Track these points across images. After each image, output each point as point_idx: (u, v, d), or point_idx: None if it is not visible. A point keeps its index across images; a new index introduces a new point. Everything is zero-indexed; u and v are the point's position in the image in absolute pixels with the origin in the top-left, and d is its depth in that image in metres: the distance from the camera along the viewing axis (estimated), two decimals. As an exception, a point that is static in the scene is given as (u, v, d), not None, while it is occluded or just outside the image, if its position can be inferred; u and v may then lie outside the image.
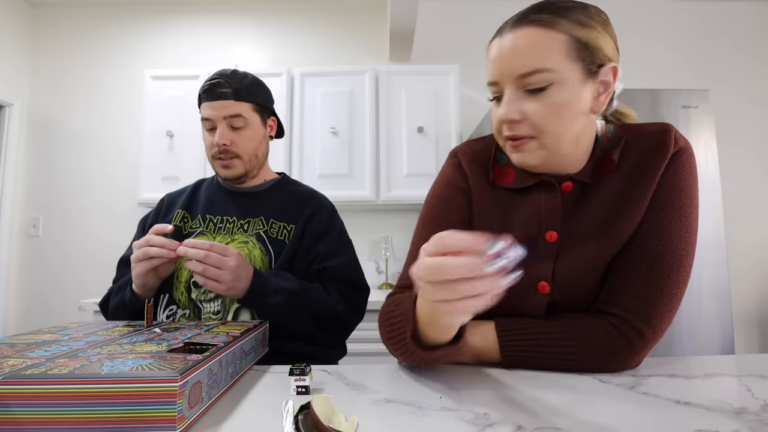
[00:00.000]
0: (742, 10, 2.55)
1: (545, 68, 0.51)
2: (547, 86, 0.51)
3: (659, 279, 0.53)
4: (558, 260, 0.57)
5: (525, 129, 0.54)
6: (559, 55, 0.51)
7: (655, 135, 0.57)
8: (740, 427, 0.37)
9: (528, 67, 0.51)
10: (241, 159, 0.89)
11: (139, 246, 0.74)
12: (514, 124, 0.54)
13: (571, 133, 0.54)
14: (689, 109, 1.86)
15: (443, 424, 0.39)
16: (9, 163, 2.40)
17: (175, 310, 0.84)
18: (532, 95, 0.52)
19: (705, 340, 1.76)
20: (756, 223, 2.41)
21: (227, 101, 0.86)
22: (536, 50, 0.51)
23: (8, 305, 2.40)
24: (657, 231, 0.54)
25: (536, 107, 0.52)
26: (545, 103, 0.52)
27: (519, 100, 0.53)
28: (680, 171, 0.55)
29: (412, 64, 2.36)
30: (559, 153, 0.55)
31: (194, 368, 0.40)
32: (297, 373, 0.47)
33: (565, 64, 0.51)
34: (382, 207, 2.23)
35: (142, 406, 0.36)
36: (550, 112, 0.52)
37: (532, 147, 0.55)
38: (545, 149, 0.54)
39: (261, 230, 0.89)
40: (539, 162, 0.56)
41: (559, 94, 0.52)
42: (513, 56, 0.52)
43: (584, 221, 0.57)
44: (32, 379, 0.36)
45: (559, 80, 0.51)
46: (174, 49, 2.56)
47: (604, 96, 0.54)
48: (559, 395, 0.46)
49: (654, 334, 0.53)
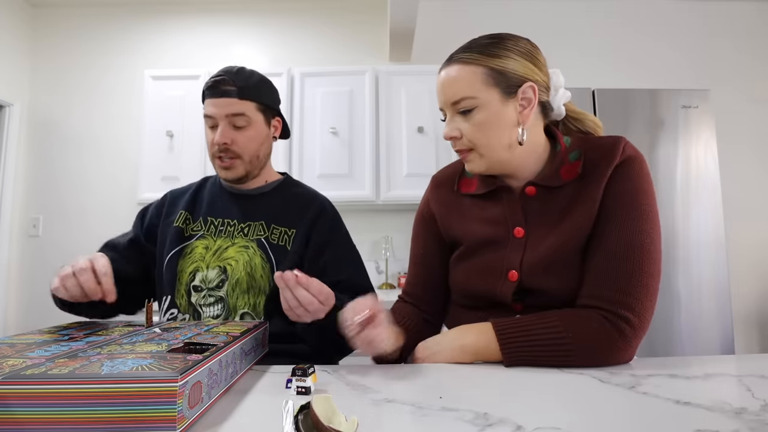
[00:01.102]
0: (742, 10, 2.55)
1: (468, 96, 0.63)
2: (473, 109, 0.64)
3: (633, 271, 0.59)
4: (525, 252, 0.66)
5: (463, 144, 0.67)
6: (478, 84, 0.63)
7: (607, 145, 0.65)
8: (740, 427, 0.37)
9: (456, 96, 0.64)
10: (241, 159, 0.88)
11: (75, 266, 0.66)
12: (455, 141, 0.68)
13: (501, 142, 0.65)
14: (689, 109, 1.86)
15: (443, 424, 0.39)
16: (9, 163, 2.40)
17: (175, 314, 0.84)
18: (463, 117, 0.65)
19: (705, 340, 1.76)
20: (756, 223, 2.41)
21: (230, 99, 0.85)
22: (460, 83, 0.64)
23: (8, 305, 2.40)
24: (624, 230, 0.61)
25: (467, 126, 0.65)
26: (473, 122, 0.64)
27: (455, 121, 0.66)
28: (633, 176, 0.63)
29: (412, 64, 2.36)
30: (497, 159, 0.66)
31: (194, 368, 0.40)
32: (299, 374, 0.47)
33: (484, 90, 0.63)
34: (382, 207, 2.23)
35: (142, 406, 0.36)
36: (477, 129, 0.65)
37: (473, 157, 0.68)
38: (483, 157, 0.67)
39: (262, 236, 0.88)
40: (483, 168, 0.68)
41: (482, 115, 0.64)
42: (446, 88, 0.66)
43: (546, 219, 0.66)
44: (32, 379, 0.36)
45: (480, 104, 0.63)
46: (174, 49, 2.56)
47: (528, 110, 0.64)
48: (559, 395, 0.46)
49: (640, 321, 0.57)
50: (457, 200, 0.76)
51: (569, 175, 0.66)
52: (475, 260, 0.71)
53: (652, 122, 1.85)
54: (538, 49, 0.68)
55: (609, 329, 0.57)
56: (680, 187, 1.82)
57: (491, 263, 0.68)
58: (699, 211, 1.81)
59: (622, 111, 1.85)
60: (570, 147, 0.68)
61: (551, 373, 0.54)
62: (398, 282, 2.30)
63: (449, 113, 0.67)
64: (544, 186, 0.67)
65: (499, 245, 0.68)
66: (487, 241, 0.69)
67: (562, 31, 2.53)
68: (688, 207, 1.81)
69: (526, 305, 0.66)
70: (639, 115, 1.85)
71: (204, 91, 0.88)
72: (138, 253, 0.90)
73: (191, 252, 0.87)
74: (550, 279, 0.64)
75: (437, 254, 0.79)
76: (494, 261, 0.68)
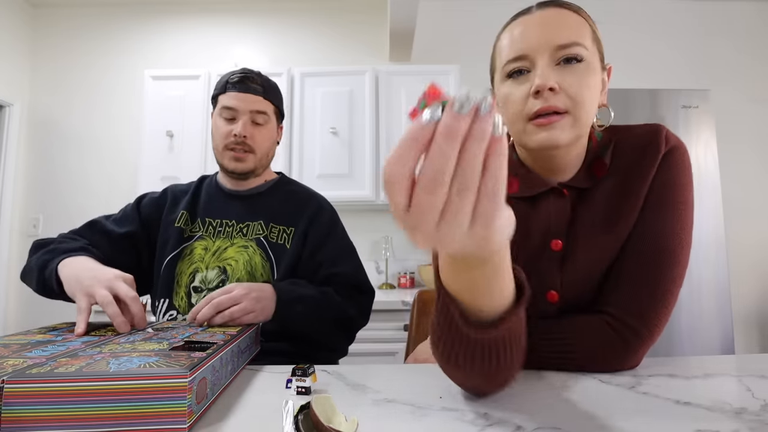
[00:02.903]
0: (741, 10, 2.55)
1: (582, 43, 0.52)
2: (580, 61, 0.52)
3: (654, 277, 0.53)
4: (564, 268, 0.57)
5: (560, 100, 0.52)
6: (588, 37, 0.53)
7: (647, 135, 0.57)
8: (740, 427, 0.37)
9: (568, 39, 0.52)
10: (254, 154, 0.90)
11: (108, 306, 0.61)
12: (551, 95, 0.52)
13: (592, 116, 0.54)
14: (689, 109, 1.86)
15: (443, 424, 0.39)
16: (9, 163, 2.40)
17: (175, 316, 0.84)
18: (565, 69, 0.52)
19: (705, 340, 1.76)
20: (756, 223, 2.41)
21: (256, 96, 0.88)
22: (573, 26, 0.53)
23: (8, 305, 2.40)
24: (651, 229, 0.54)
25: (572, 79, 0.52)
26: (580, 76, 0.52)
27: (553, 71, 0.52)
28: (672, 169, 0.55)
29: (412, 64, 2.36)
30: (582, 134, 0.55)
31: (201, 364, 0.41)
32: (299, 374, 0.47)
33: (592, 47, 0.54)
34: (382, 207, 2.23)
35: (153, 402, 0.36)
36: (585, 86, 0.52)
37: (565, 123, 0.52)
38: (577, 126, 0.53)
39: (261, 235, 0.88)
40: (570, 140, 0.53)
41: (589, 73, 0.53)
42: (550, 28, 0.52)
43: (584, 226, 0.57)
44: (41, 377, 0.36)
45: (589, 60, 0.53)
46: (174, 49, 2.56)
47: (605, 92, 0.56)
48: (559, 395, 0.46)
49: (650, 332, 0.52)
50: None
51: (601, 171, 0.58)
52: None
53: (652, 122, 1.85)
54: None
55: (614, 339, 0.53)
56: (680, 187, 1.82)
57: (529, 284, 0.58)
58: (699, 211, 1.81)
59: (622, 111, 1.85)
60: (602, 141, 0.60)
61: (551, 373, 0.54)
62: (398, 282, 2.30)
63: (544, 61, 0.52)
64: (577, 188, 0.58)
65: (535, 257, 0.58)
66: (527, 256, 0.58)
67: (562, 31, 2.53)
68: (688, 207, 1.81)
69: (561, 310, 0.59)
70: (639, 115, 1.85)
71: (225, 84, 0.89)
72: (131, 246, 0.90)
73: (190, 253, 0.87)
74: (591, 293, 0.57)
75: None
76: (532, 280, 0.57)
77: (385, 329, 1.71)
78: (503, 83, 0.57)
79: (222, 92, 0.89)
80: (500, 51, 0.57)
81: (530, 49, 0.53)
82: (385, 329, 1.70)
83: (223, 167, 0.92)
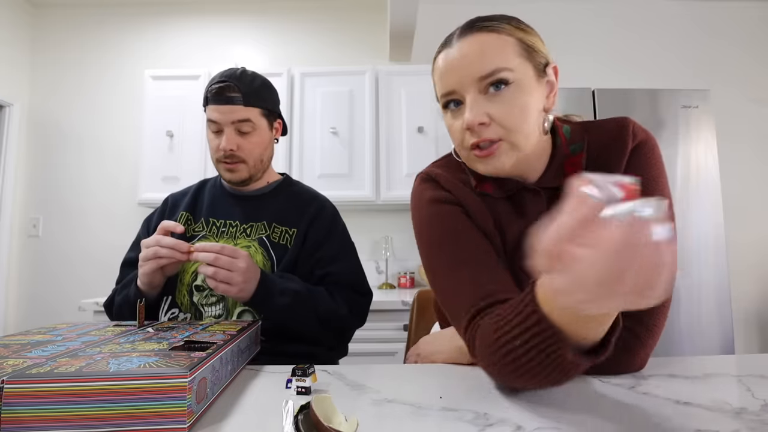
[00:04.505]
0: (742, 10, 2.55)
1: (505, 67, 0.51)
2: (508, 85, 0.52)
3: None
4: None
5: (492, 132, 0.53)
6: (513, 55, 0.52)
7: (614, 132, 0.57)
8: (740, 427, 0.37)
9: (488, 68, 0.52)
10: (246, 164, 0.88)
11: (148, 245, 0.74)
12: (482, 128, 0.53)
13: (534, 130, 0.54)
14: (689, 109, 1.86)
15: (443, 424, 0.39)
16: (9, 163, 2.40)
17: (176, 314, 0.84)
18: (493, 98, 0.52)
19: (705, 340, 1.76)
20: (756, 223, 2.41)
21: (236, 106, 0.84)
22: (493, 52, 0.52)
23: (8, 305, 2.40)
24: None
25: (500, 108, 0.52)
26: (508, 102, 0.52)
27: (480, 103, 0.53)
28: (643, 164, 0.55)
29: (412, 64, 2.36)
30: (526, 152, 0.55)
31: (201, 364, 0.41)
32: (299, 374, 0.47)
33: (520, 64, 0.52)
34: (382, 207, 2.23)
35: (153, 402, 0.37)
36: (514, 111, 0.52)
37: (503, 150, 0.53)
38: (515, 149, 0.54)
39: (263, 235, 0.89)
40: (512, 163, 0.54)
41: (520, 93, 0.52)
42: (469, 60, 0.53)
43: None
44: (41, 377, 0.36)
45: (517, 80, 0.52)
46: (174, 49, 2.56)
47: (552, 95, 0.56)
48: (559, 395, 0.46)
49: (649, 334, 0.52)
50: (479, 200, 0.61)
51: (574, 169, 0.57)
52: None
53: (652, 122, 1.85)
54: None
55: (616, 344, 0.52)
56: (680, 187, 1.82)
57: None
58: (699, 211, 1.81)
59: (622, 111, 1.85)
60: (571, 138, 0.60)
61: (551, 373, 0.54)
62: (398, 282, 2.30)
63: (471, 94, 0.53)
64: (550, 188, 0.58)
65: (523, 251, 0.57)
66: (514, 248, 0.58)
67: (562, 31, 2.53)
68: (688, 207, 1.81)
69: None
70: (639, 115, 1.85)
71: (207, 96, 0.86)
72: None
73: None
74: None
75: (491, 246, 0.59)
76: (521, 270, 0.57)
77: (385, 329, 1.71)
78: (444, 113, 0.58)
79: (206, 104, 0.87)
80: (434, 82, 0.58)
81: (456, 84, 0.54)
82: (384, 329, 1.70)
83: (221, 177, 0.94)
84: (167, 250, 0.72)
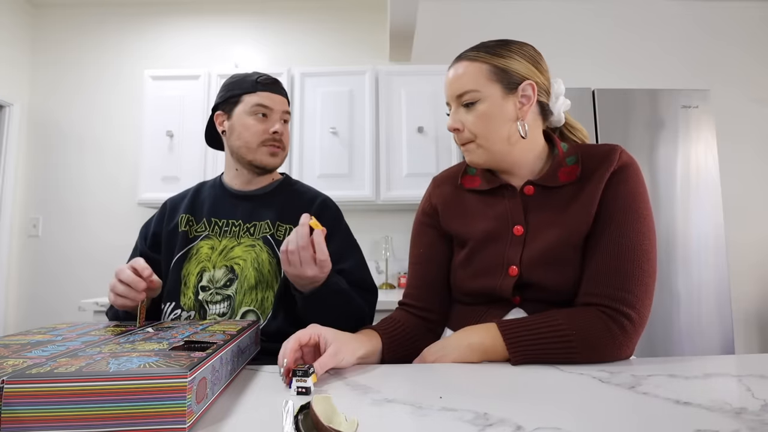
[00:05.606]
0: (742, 10, 2.55)
1: (471, 89, 0.69)
2: (475, 102, 0.69)
3: (632, 270, 0.62)
4: (525, 248, 0.69)
5: (465, 135, 0.72)
6: (482, 79, 0.69)
7: (604, 152, 0.70)
8: (740, 427, 0.37)
9: (460, 90, 0.70)
10: (284, 151, 0.95)
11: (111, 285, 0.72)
12: (458, 133, 0.72)
13: (500, 135, 0.70)
14: (689, 109, 1.86)
15: (443, 424, 0.39)
16: (9, 163, 2.40)
17: (179, 314, 0.84)
18: (467, 110, 0.71)
19: (705, 340, 1.76)
20: (756, 223, 2.41)
21: (285, 99, 0.96)
22: (467, 76, 0.70)
23: (8, 305, 2.40)
24: (622, 232, 0.64)
25: (469, 118, 0.70)
26: (475, 114, 0.70)
27: (459, 114, 0.72)
28: (629, 181, 0.67)
29: (412, 64, 2.36)
30: (496, 151, 0.71)
31: (201, 364, 0.41)
32: (299, 374, 0.47)
33: (487, 85, 0.69)
34: (382, 207, 2.23)
35: (153, 402, 0.36)
36: (479, 121, 0.69)
37: (472, 148, 0.72)
38: (482, 148, 0.71)
39: (267, 233, 0.89)
40: (483, 159, 0.72)
41: (484, 107, 0.69)
42: (453, 83, 0.72)
43: (545, 217, 0.70)
44: (41, 377, 0.36)
45: (482, 97, 0.69)
46: (174, 49, 2.56)
47: (527, 106, 0.69)
48: (559, 395, 0.46)
49: (640, 317, 0.60)
50: (459, 196, 0.79)
51: (567, 177, 0.70)
52: (478, 258, 0.73)
53: (652, 122, 1.85)
54: (542, 57, 0.73)
55: (611, 325, 0.59)
56: (680, 187, 1.82)
57: (492, 259, 0.71)
58: (699, 211, 1.81)
59: (622, 111, 1.85)
60: (567, 152, 0.73)
61: (551, 373, 0.54)
62: (398, 282, 2.30)
63: (454, 107, 0.73)
64: (543, 186, 0.71)
65: (500, 241, 0.71)
66: (488, 237, 0.72)
67: (563, 32, 2.53)
68: (688, 207, 1.81)
69: (525, 299, 0.69)
70: (639, 115, 1.85)
71: (255, 84, 0.92)
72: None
73: (197, 253, 0.88)
74: (548, 273, 0.67)
75: (439, 250, 0.79)
76: (495, 257, 0.71)
77: (385, 329, 1.70)
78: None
79: (249, 92, 0.91)
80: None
81: (448, 97, 0.74)
82: (385, 329, 1.70)
83: (253, 163, 0.92)
84: (124, 287, 0.71)
